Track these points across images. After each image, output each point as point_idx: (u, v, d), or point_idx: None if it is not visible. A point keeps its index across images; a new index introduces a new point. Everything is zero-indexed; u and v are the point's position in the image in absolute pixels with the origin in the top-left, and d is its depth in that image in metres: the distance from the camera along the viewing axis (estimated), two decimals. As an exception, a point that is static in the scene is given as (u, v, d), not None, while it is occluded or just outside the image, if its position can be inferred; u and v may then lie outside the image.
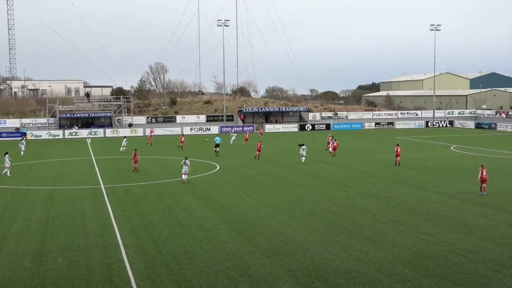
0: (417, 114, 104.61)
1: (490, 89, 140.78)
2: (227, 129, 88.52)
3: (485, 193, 31.93)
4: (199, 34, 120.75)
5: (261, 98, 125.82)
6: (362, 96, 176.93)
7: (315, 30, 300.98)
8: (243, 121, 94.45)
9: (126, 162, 48.56)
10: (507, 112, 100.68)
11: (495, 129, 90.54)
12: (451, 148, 59.52)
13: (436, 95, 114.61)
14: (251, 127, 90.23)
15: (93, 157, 53.98)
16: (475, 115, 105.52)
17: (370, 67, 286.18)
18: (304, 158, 47.87)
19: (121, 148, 58.81)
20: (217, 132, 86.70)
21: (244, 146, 62.33)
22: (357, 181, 37.28)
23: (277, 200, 30.80)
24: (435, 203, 29.71)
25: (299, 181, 37.47)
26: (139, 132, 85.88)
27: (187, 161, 37.37)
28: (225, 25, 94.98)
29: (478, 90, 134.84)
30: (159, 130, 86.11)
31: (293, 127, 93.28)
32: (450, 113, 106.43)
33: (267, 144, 65.31)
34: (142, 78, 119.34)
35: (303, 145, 49.30)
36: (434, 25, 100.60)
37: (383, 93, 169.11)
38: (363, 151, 56.44)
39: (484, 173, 32.33)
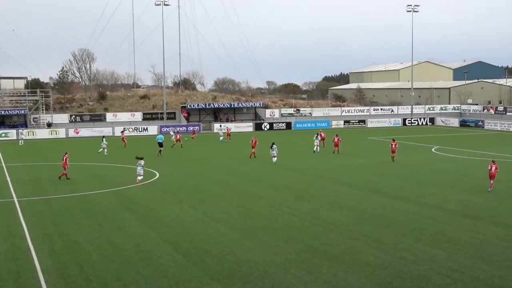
0: (392, 111, 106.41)
1: (476, 80, 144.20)
2: (167, 129, 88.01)
3: (490, 189, 35.77)
4: (133, 15, 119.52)
5: (209, 92, 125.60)
6: (329, 89, 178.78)
7: (272, 13, 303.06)
8: (187, 119, 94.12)
9: (45, 169, 47.68)
10: (496, 108, 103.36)
11: (483, 127, 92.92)
12: (433, 150, 60.73)
13: (414, 88, 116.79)
14: (197, 127, 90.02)
15: (3, 164, 52.85)
16: (459, 111, 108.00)
17: (338, 55, 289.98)
18: (275, 158, 50.10)
19: (100, 149, 59.70)
20: (156, 133, 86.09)
21: (192, 144, 62.05)
22: (323, 190, 37.60)
23: (228, 214, 30.77)
24: (415, 214, 30.22)
25: (255, 191, 37.54)
26: (61, 133, 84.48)
27: (142, 162, 40.12)
28: (164, 4, 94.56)
29: (462, 82, 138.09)
30: (85, 131, 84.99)
31: (247, 126, 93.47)
32: (431, 109, 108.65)
33: (215, 148, 65.23)
34: (63, 68, 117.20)
35: (273, 144, 51.08)
36: (411, 5, 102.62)
37: (353, 85, 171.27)
38: (330, 154, 57.00)
39: (493, 169, 36.08)
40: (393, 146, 51.74)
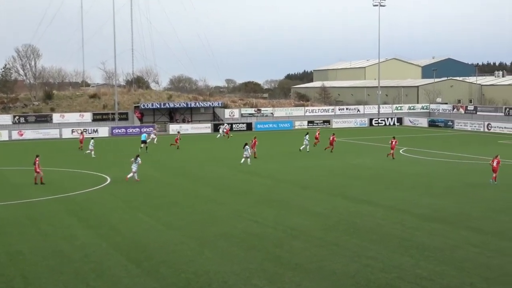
0: (358, 110, 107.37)
1: (445, 78, 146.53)
2: (119, 131, 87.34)
3: (494, 182, 39.99)
4: (81, 7, 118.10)
5: (164, 91, 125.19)
6: (291, 88, 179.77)
7: (232, 8, 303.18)
8: (140, 120, 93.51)
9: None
10: (466, 107, 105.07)
11: (452, 127, 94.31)
12: (401, 151, 61.39)
13: (381, 86, 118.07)
14: (151, 128, 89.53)
15: None
16: (428, 110, 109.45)
17: (301, 52, 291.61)
18: (244, 159, 50.93)
19: (88, 151, 59.97)
20: (107, 135, 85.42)
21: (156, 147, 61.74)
22: (286, 194, 37.75)
23: (185, 221, 30.68)
24: (382, 219, 30.53)
25: (214, 196, 37.51)
26: (3, 135, 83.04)
27: (139, 160, 43.24)
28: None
29: (431, 80, 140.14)
30: (30, 133, 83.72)
31: (205, 128, 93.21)
32: (399, 108, 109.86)
33: (170, 151, 64.99)
34: (6, 65, 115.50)
35: (246, 145, 51.85)
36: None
37: (317, 84, 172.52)
38: (293, 156, 57.23)
39: (495, 163, 39.96)
40: (393, 143, 55.43)
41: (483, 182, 41.24)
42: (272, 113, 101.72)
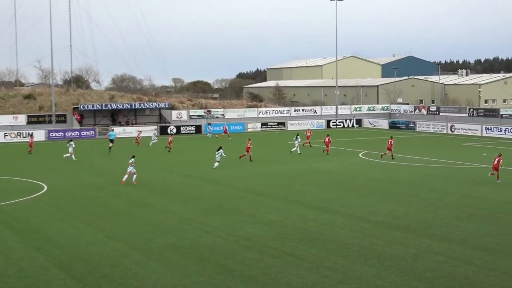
0: (315, 111, 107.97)
1: (407, 77, 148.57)
2: (56, 135, 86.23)
3: (495, 179, 43.25)
4: (14, 0, 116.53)
5: (105, 91, 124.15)
6: (244, 87, 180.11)
7: (179, 2, 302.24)
8: (80, 122, 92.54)
9: None
10: (429, 107, 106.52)
11: (414, 129, 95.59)
12: (360, 155, 62.01)
13: (339, 86, 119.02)
14: (92, 131, 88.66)
15: None
16: (388, 111, 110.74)
17: (254, 50, 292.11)
18: (217, 163, 51.62)
19: (67, 154, 59.95)
20: (43, 139, 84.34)
21: (84, 152, 61.22)
22: (239, 202, 37.79)
23: (130, 231, 30.50)
24: (341, 228, 30.78)
25: (161, 204, 37.36)
26: None
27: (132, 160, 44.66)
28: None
29: (392, 79, 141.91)
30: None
31: (151, 130, 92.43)
32: (358, 109, 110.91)
33: (111, 156, 64.52)
34: None
35: (220, 148, 52.32)
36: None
37: (271, 83, 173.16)
38: (246, 161, 57.32)
39: (496, 161, 43.26)
40: (390, 143, 57.47)
41: (445, 188, 41.93)
42: (223, 115, 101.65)
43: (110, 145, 67.66)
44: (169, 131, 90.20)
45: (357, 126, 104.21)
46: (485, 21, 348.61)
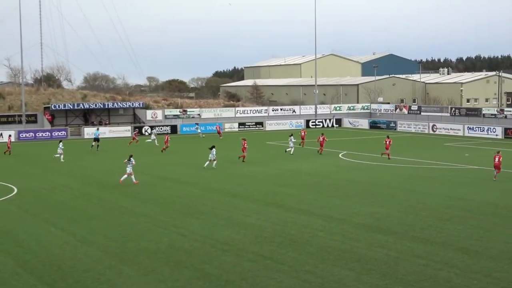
0: (294, 111, 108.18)
1: (387, 76, 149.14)
2: (26, 136, 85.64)
3: (494, 179, 44.57)
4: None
5: (77, 90, 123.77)
6: (220, 86, 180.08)
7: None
8: (51, 122, 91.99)
9: None
10: (410, 107, 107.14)
11: (395, 129, 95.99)
12: (340, 155, 62.17)
13: (318, 85, 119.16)
14: (63, 132, 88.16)
15: None
16: (369, 110, 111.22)
17: (231, 47, 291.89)
18: (208, 162, 52.48)
19: (56, 154, 60.04)
20: (13, 140, 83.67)
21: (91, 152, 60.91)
22: (215, 205, 37.74)
23: (103, 235, 30.38)
24: (321, 230, 30.84)
25: (134, 208, 37.23)
26: None
27: (132, 160, 45.15)
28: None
29: (372, 78, 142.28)
30: None
31: (125, 131, 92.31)
32: (337, 108, 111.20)
33: (84, 158, 64.25)
34: None
35: (213, 147, 52.77)
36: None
37: (248, 82, 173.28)
38: (222, 162, 57.25)
39: (497, 160, 44.48)
40: (387, 143, 58.63)
41: (428, 189, 42.15)
42: (199, 114, 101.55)
43: (93, 143, 69.44)
44: (149, 131, 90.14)
45: (337, 126, 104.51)
46: (467, 19, 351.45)
